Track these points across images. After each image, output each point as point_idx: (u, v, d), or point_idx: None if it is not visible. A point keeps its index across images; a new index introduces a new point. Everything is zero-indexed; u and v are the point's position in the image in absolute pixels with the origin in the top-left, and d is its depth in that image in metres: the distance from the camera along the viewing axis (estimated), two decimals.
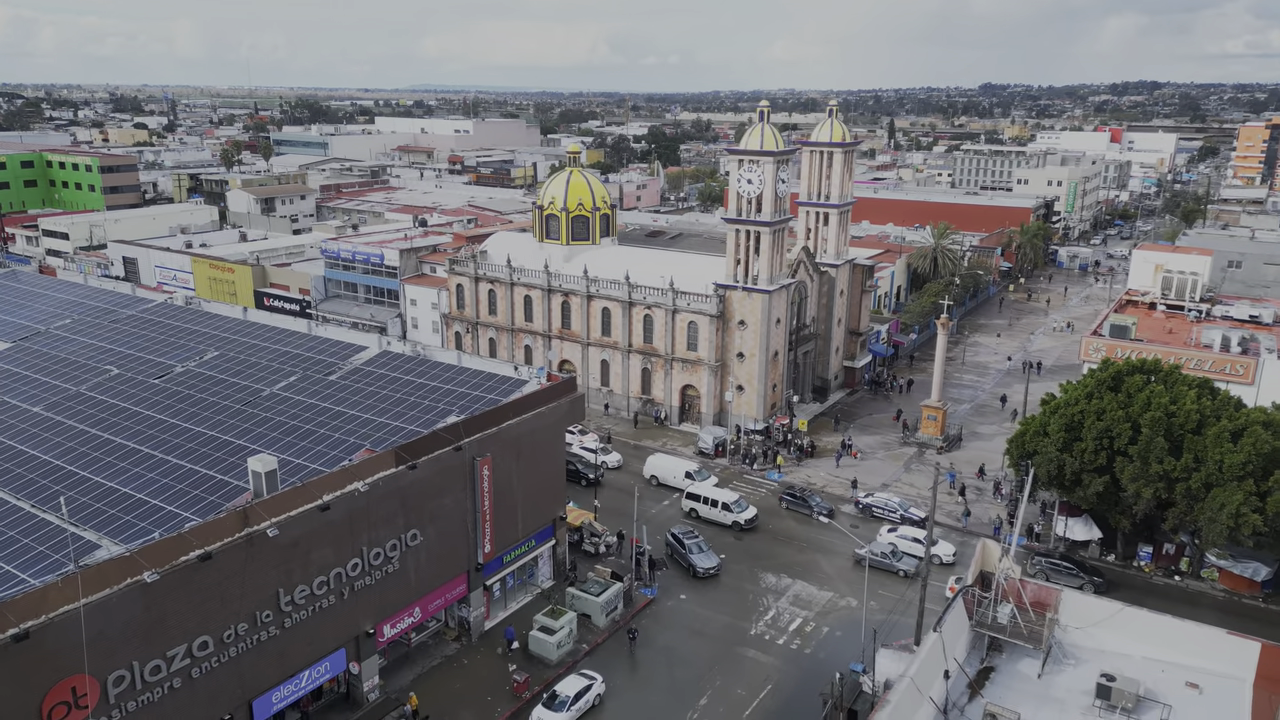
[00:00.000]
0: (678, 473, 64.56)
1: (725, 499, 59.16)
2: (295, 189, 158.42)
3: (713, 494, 59.88)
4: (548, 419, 49.02)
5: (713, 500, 59.44)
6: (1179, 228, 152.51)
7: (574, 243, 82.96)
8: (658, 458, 66.95)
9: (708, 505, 59.59)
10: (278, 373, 51.69)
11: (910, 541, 55.81)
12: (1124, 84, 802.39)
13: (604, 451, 67.96)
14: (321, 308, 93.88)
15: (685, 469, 64.49)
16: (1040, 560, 53.40)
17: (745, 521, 58.46)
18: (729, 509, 58.74)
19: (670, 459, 66.80)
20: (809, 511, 60.60)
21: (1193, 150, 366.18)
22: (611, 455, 68.37)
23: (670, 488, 64.58)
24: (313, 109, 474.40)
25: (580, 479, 64.46)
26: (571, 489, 60.99)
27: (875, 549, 54.50)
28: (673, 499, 63.02)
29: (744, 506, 59.26)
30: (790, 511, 61.28)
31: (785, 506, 61.79)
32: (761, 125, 68.96)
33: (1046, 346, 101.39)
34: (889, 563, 53.72)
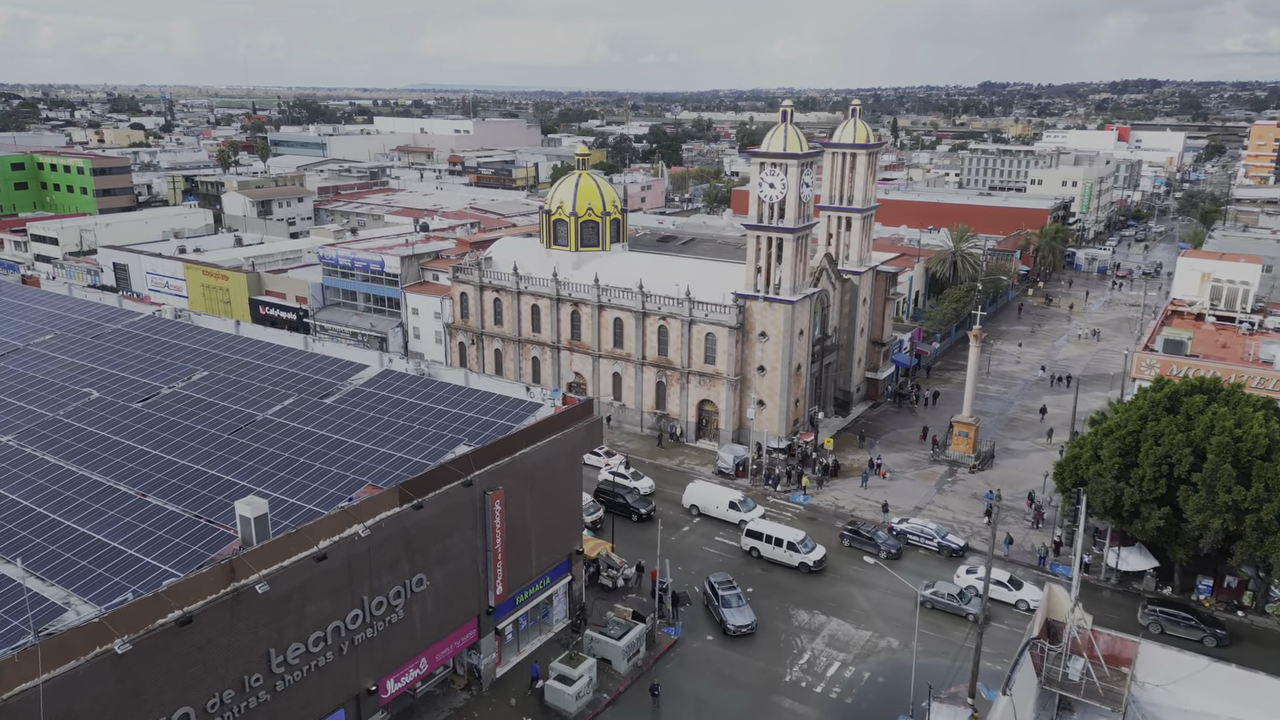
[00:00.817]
0: (721, 502, 59.63)
1: (791, 537, 53.91)
2: (293, 191, 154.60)
3: (777, 532, 54.56)
4: (564, 445, 45.21)
5: (777, 539, 54.04)
6: (1199, 230, 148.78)
7: (583, 249, 79.18)
8: (699, 485, 61.70)
9: (771, 544, 54.22)
10: (271, 395, 47.85)
11: (994, 585, 49.88)
12: (1123, 82, 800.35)
13: (634, 477, 63.90)
14: (319, 316, 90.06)
15: (729, 498, 59.45)
16: (1154, 611, 48.15)
17: (814, 563, 53.17)
18: (795, 548, 53.51)
19: (712, 487, 61.67)
20: (875, 551, 54.61)
21: (1199, 149, 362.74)
22: (643, 481, 63.69)
23: (713, 519, 59.79)
24: (311, 109, 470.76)
25: (630, 514, 59.18)
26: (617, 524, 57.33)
27: (942, 589, 49.76)
28: (722, 532, 58.41)
29: (811, 546, 54.06)
30: (853, 550, 55.63)
31: (847, 544, 56.19)
32: (785, 126, 65.12)
33: (1073, 355, 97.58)
34: (956, 605, 49.03)
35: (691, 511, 60.71)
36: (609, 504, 59.83)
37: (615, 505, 59.75)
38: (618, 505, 59.76)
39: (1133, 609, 49.94)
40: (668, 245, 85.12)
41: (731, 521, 59.02)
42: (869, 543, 55.86)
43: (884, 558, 54.08)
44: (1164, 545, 49.13)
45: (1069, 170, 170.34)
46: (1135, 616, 48.46)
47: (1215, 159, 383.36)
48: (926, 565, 54.54)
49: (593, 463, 64.85)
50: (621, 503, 59.91)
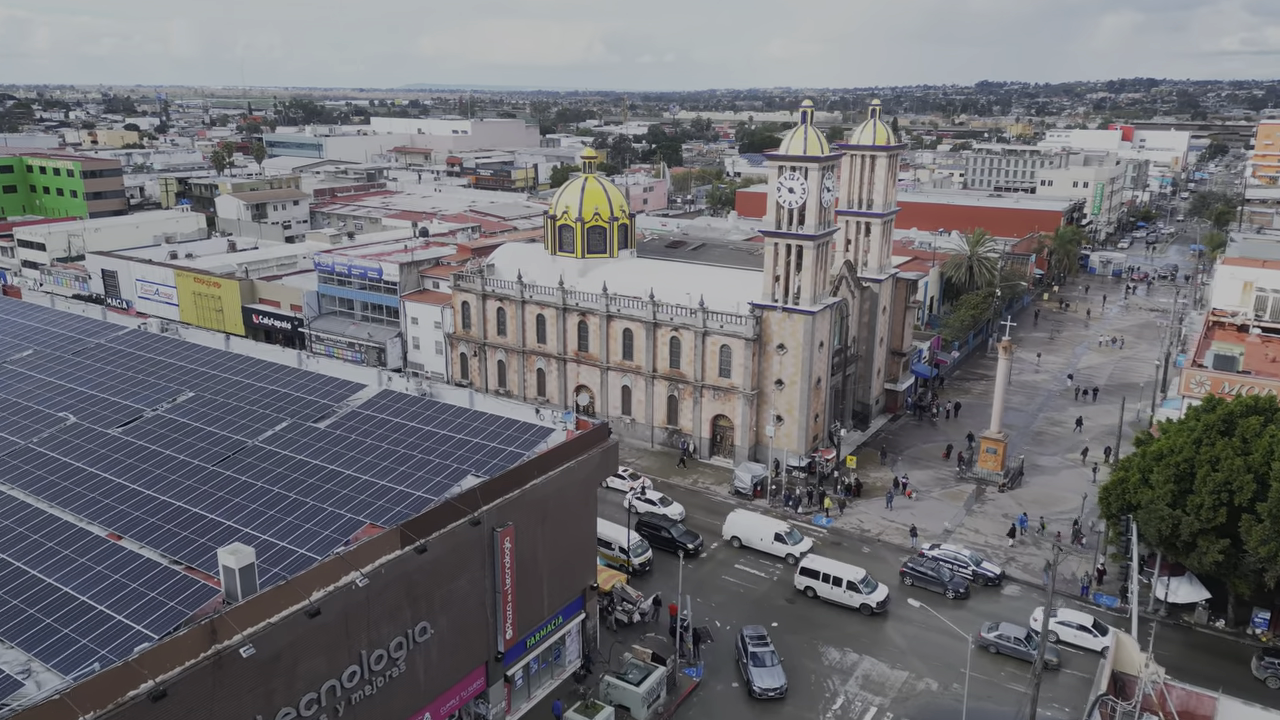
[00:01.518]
0: (765, 534, 55.22)
1: (851, 576, 49.45)
2: (288, 194, 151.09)
3: (835, 570, 50.04)
4: (577, 474, 41.86)
5: (835, 578, 49.56)
6: (1215, 232, 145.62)
7: (590, 255, 75.84)
8: (740, 516, 57.10)
9: (829, 584, 49.77)
10: (262, 419, 44.45)
11: (1076, 630, 46.42)
12: (1121, 81, 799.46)
13: (664, 503, 59.97)
14: (315, 326, 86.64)
15: (775, 529, 55.07)
16: (1273, 663, 43.68)
17: (876, 604, 48.83)
18: (856, 588, 48.97)
19: (755, 517, 57.00)
20: (941, 590, 50.30)
21: (1201, 148, 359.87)
22: (673, 507, 59.71)
23: (756, 552, 55.41)
24: (307, 109, 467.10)
25: (674, 549, 53.62)
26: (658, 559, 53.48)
27: (1007, 632, 45.92)
28: (743, 559, 54.91)
29: (873, 585, 49.64)
30: (915, 588, 50.65)
31: (909, 583, 51.41)
32: (805, 128, 61.82)
33: (1095, 364, 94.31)
34: (1022, 650, 45.02)
35: (732, 544, 56.10)
36: (651, 539, 55.10)
37: (658, 540, 54.99)
38: (661, 540, 54.98)
39: (1185, 644, 46.72)
40: (677, 251, 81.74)
41: (777, 555, 54.56)
42: (934, 581, 51.03)
43: (952, 598, 49.89)
44: (1221, 577, 45.86)
45: (1079, 171, 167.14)
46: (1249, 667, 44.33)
47: (1218, 158, 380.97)
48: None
49: (617, 486, 61.52)
50: (666, 537, 55.05)
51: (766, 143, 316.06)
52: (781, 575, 53.30)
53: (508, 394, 77.91)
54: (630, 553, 52.14)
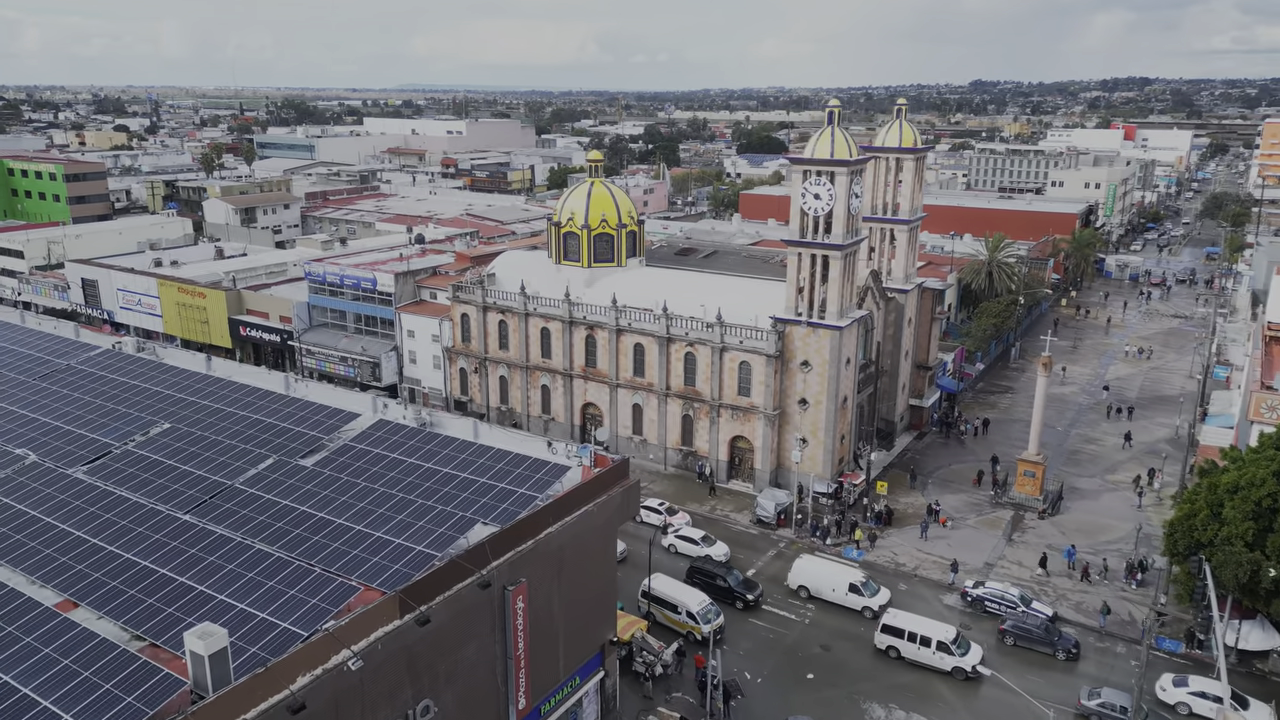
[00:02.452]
0: (838, 584, 49.55)
1: (941, 635, 44.14)
2: (278, 197, 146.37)
3: (923, 628, 44.69)
4: (596, 519, 37.46)
5: (923, 637, 44.24)
6: (1234, 234, 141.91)
7: (596, 264, 71.52)
8: (809, 562, 51.22)
9: (915, 644, 44.36)
10: (244, 456, 39.95)
11: (1212, 702, 40.15)
12: (1114, 80, 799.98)
13: (706, 541, 54.99)
14: (305, 339, 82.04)
15: (850, 579, 49.52)
16: None
17: (971, 668, 43.53)
18: (948, 649, 43.70)
19: (827, 564, 51.15)
20: (1050, 651, 45.20)
21: (1201, 148, 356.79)
22: (716, 546, 54.47)
23: (827, 603, 49.74)
24: (299, 110, 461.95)
25: (732, 600, 48.94)
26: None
27: (1113, 700, 40.31)
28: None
29: (966, 646, 44.34)
30: (1018, 649, 45.82)
31: (1010, 642, 45.98)
32: (831, 129, 57.48)
33: (1123, 375, 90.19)
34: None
35: (800, 593, 50.59)
36: (706, 587, 49.49)
37: (712, 590, 49.38)
38: (716, 590, 49.43)
39: (1261, 694, 42.45)
40: (688, 259, 77.46)
41: (852, 608, 49.07)
42: (1041, 641, 45.67)
43: (1064, 658, 44.91)
44: None
45: (1091, 171, 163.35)
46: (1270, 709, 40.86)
47: (1219, 158, 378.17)
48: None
49: (650, 520, 57.05)
50: (722, 586, 49.55)
51: (764, 143, 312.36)
52: (815, 618, 48.94)
53: (510, 411, 73.53)
54: (700, 618, 45.67)
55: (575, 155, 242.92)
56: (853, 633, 47.46)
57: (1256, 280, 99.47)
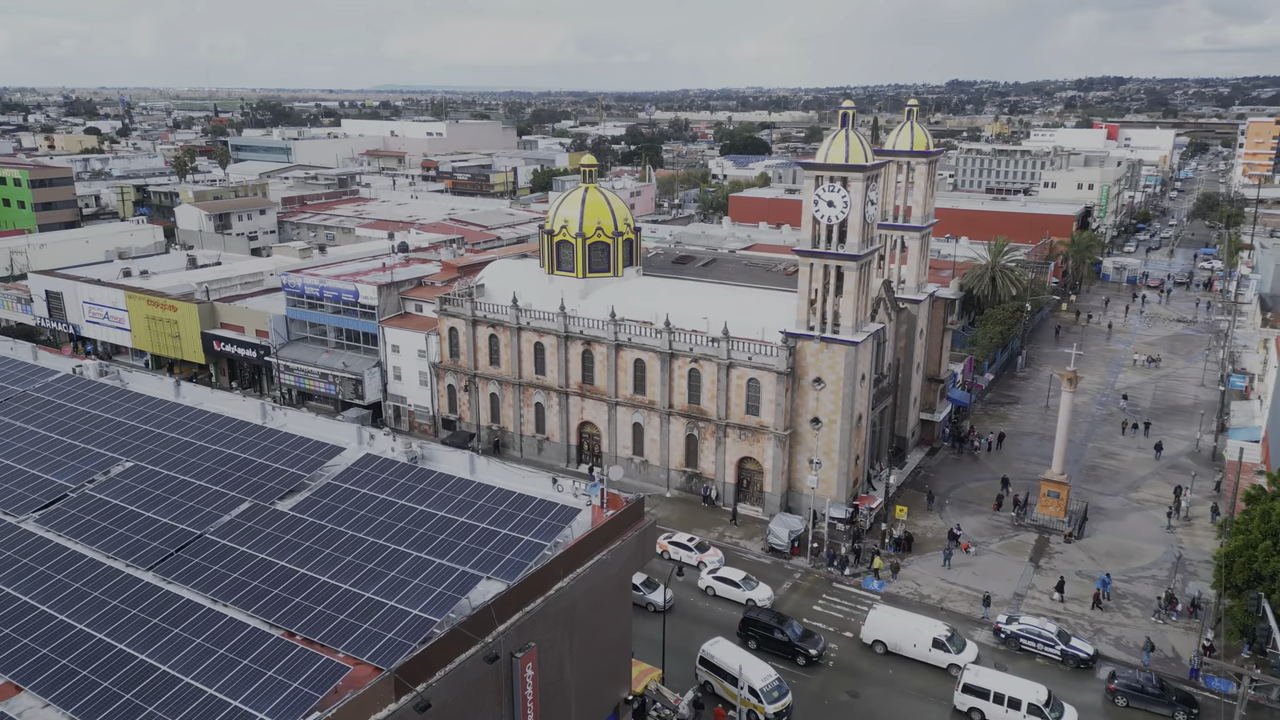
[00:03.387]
0: (920, 639, 44.63)
1: (1033, 696, 39.69)
2: (254, 203, 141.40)
3: (1011, 687, 40.18)
4: (610, 568, 33.76)
5: (1011, 699, 39.74)
6: (1234, 236, 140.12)
7: (592, 274, 67.79)
8: (885, 614, 46.32)
9: (1005, 708, 39.83)
10: (216, 500, 35.92)
11: None
12: (1089, 80, 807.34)
13: (747, 584, 50.40)
14: (283, 354, 77.72)
15: (933, 633, 44.65)
16: None
17: None
18: (1040, 713, 39.33)
19: (906, 617, 46.31)
20: (1168, 713, 40.90)
21: (1182, 146, 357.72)
22: (760, 589, 49.97)
23: (909, 660, 44.78)
24: (275, 111, 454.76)
25: (792, 656, 44.58)
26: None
27: None
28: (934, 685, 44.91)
29: (1060, 708, 40.00)
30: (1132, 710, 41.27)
31: (1123, 703, 41.59)
32: (845, 132, 54.08)
33: (1134, 383, 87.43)
34: None
35: (875, 649, 45.80)
36: (762, 640, 45.33)
37: (769, 643, 45.20)
38: (773, 643, 45.13)
39: None
40: (686, 268, 73.90)
41: (936, 665, 44.27)
42: (1158, 700, 41.14)
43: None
44: None
45: (1084, 172, 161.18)
46: None
47: (1199, 156, 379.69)
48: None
49: (683, 558, 53.07)
50: (781, 640, 44.95)
51: (747, 144, 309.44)
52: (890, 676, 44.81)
53: (501, 430, 69.65)
54: (763, 696, 40.28)
55: (558, 157, 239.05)
56: (938, 693, 43.06)
57: (1264, 284, 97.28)
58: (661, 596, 48.19)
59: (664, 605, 47.45)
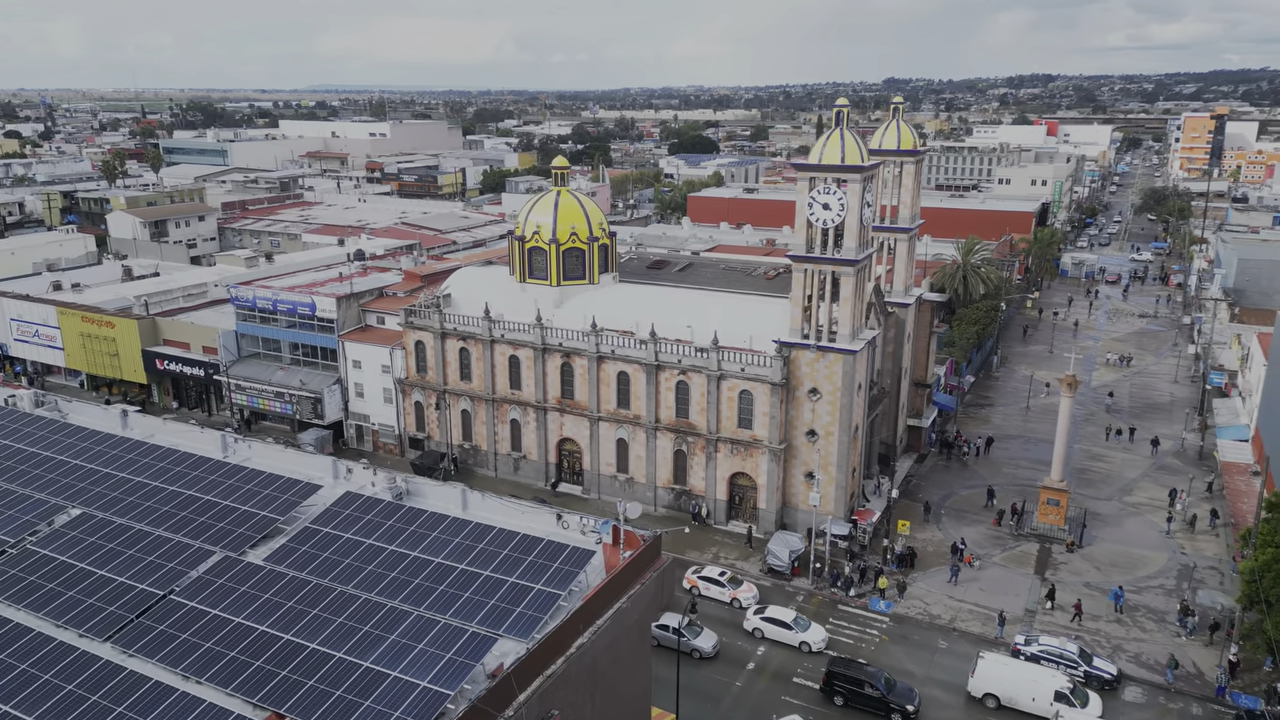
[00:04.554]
0: (1040, 691, 40.42)
1: None
2: (192, 208, 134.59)
3: None
4: (630, 616, 30.57)
5: None
6: (1188, 229, 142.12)
7: (566, 282, 64.36)
8: (997, 664, 42.11)
9: None
10: (180, 553, 31.84)
11: None
12: (1019, 77, 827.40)
13: (799, 625, 46.28)
14: (234, 372, 72.75)
15: (1055, 685, 40.54)
16: None
17: None
18: None
19: (1022, 667, 42.28)
20: None
21: (1117, 141, 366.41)
22: (812, 630, 46.07)
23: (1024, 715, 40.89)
24: (206, 112, 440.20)
25: (887, 713, 40.69)
26: None
27: None
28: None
29: None
30: None
31: None
32: (839, 131, 51.58)
33: (1109, 381, 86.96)
34: None
35: (987, 703, 41.69)
36: (851, 696, 41.36)
37: (858, 699, 41.26)
38: (863, 699, 41.16)
39: None
40: (663, 273, 70.74)
41: None
42: None
43: None
44: None
45: (1037, 168, 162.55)
46: None
47: (1133, 151, 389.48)
48: None
49: (714, 595, 49.82)
50: (873, 695, 40.86)
51: (696, 142, 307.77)
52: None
53: (474, 449, 65.88)
54: None
55: (507, 157, 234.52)
56: None
57: (1228, 279, 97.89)
58: (709, 642, 45.14)
59: (710, 651, 44.71)
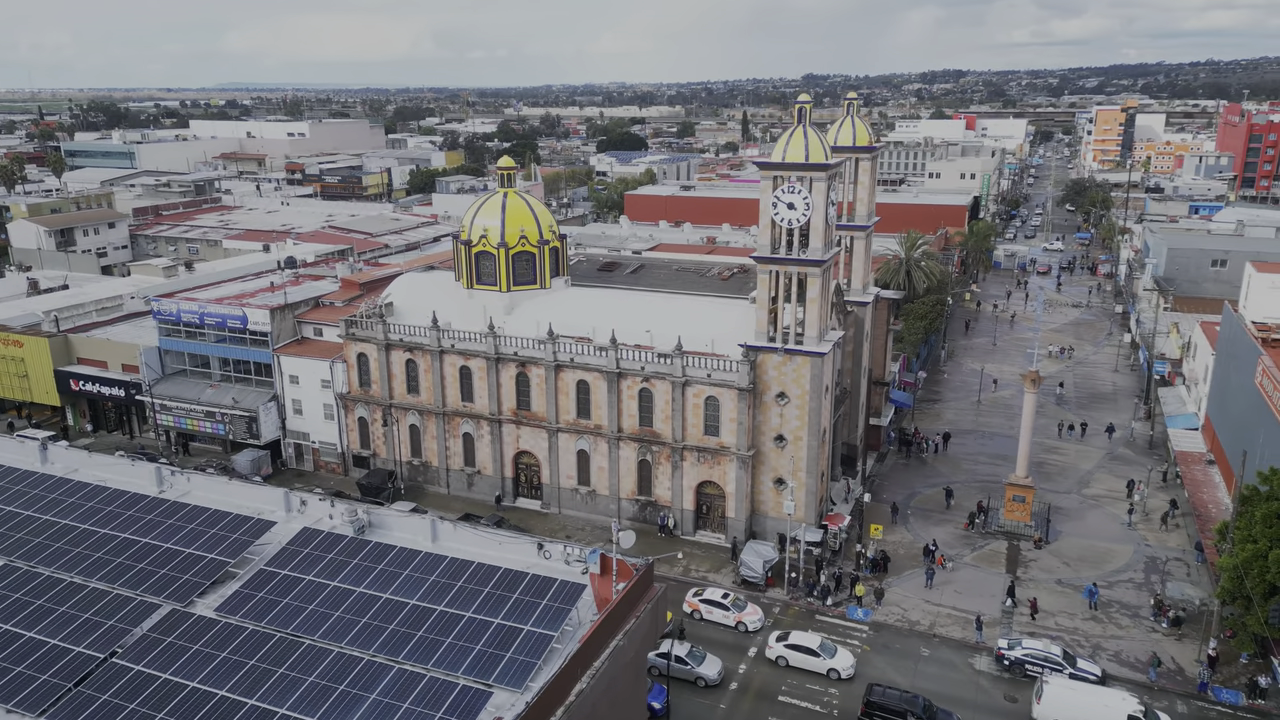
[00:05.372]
0: (1113, 716, 38.17)
1: None
2: (100, 215, 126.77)
3: None
4: (626, 654, 28.43)
5: None
6: (1111, 219, 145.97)
7: (517, 288, 61.63)
8: (1063, 689, 39.58)
9: None
10: (122, 606, 28.52)
11: None
12: (932, 73, 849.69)
13: (826, 651, 43.37)
14: (158, 391, 67.93)
15: (1128, 709, 38.31)
16: None
17: None
18: None
19: (1090, 691, 39.90)
20: None
21: (1030, 134, 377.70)
22: (840, 656, 43.22)
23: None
24: (109, 112, 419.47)
25: None
26: None
27: None
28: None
29: None
30: None
31: None
32: (802, 128, 50.07)
33: (1052, 373, 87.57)
34: None
35: None
36: None
37: None
38: None
39: None
40: (615, 275, 68.51)
41: None
42: None
43: None
44: None
45: (966, 162, 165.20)
46: None
47: (1045, 144, 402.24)
48: None
49: (717, 619, 47.25)
50: None
51: (624, 139, 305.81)
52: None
53: (424, 465, 62.68)
54: None
55: (434, 156, 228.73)
56: None
57: (1159, 268, 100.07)
58: (713, 669, 42.58)
59: (716, 678, 42.26)
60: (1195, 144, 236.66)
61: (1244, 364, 53.94)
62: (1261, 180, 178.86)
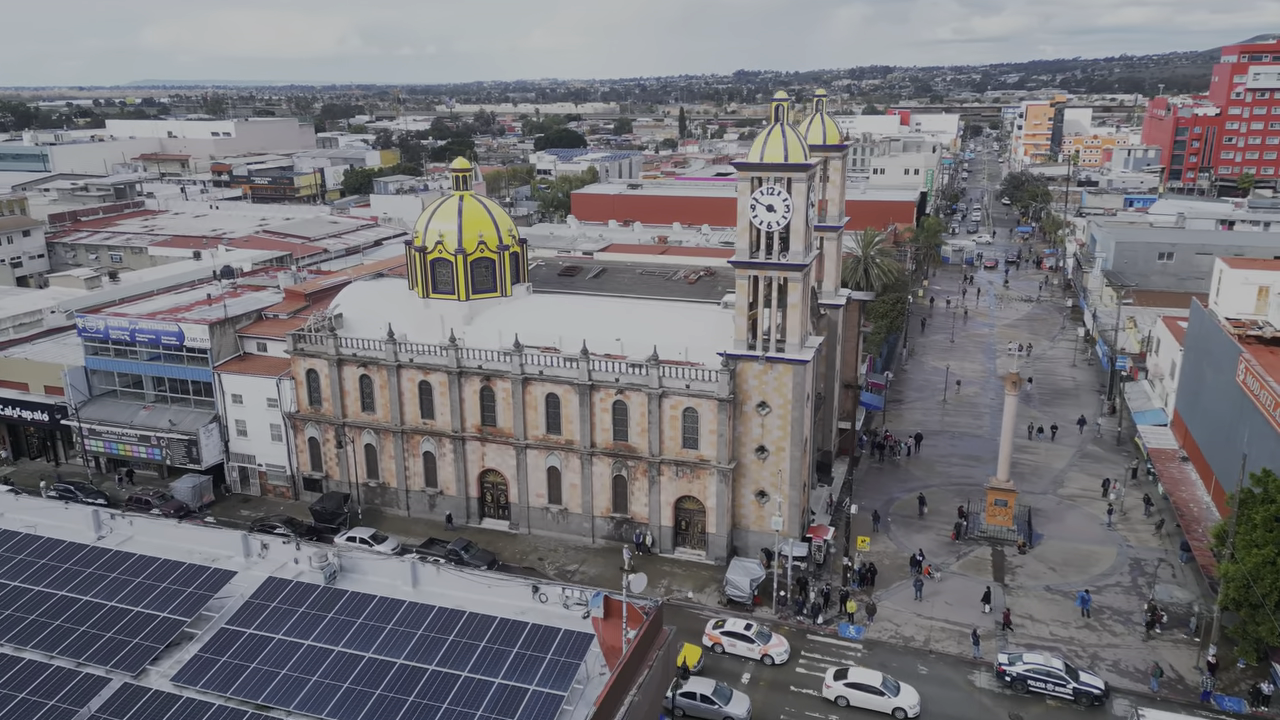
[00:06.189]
0: None
1: None
2: (13, 222, 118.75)
3: None
4: (641, 709, 25.81)
5: None
6: (1054, 213, 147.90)
7: (476, 296, 58.43)
8: None
9: None
10: (65, 682, 24.84)
11: None
12: (860, 69, 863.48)
13: (889, 688, 40.37)
14: (86, 414, 62.83)
15: None
16: None
17: None
18: None
19: None
20: None
21: (961, 129, 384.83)
22: (905, 694, 40.12)
23: None
24: (18, 113, 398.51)
25: None
26: None
27: None
28: None
29: None
30: None
31: None
32: (780, 127, 47.94)
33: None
34: None
35: None
36: None
37: None
38: None
39: None
40: (577, 280, 65.75)
41: None
42: None
43: None
44: None
45: (910, 157, 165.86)
46: None
47: (975, 138, 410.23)
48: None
49: (740, 652, 44.31)
50: None
51: (562, 136, 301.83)
52: None
53: (382, 487, 59.01)
54: None
55: (368, 156, 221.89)
56: None
57: (1108, 262, 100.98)
58: (741, 707, 39.78)
59: (745, 717, 39.53)
60: (1121, 138, 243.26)
61: (1220, 361, 53.58)
62: (1188, 173, 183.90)
